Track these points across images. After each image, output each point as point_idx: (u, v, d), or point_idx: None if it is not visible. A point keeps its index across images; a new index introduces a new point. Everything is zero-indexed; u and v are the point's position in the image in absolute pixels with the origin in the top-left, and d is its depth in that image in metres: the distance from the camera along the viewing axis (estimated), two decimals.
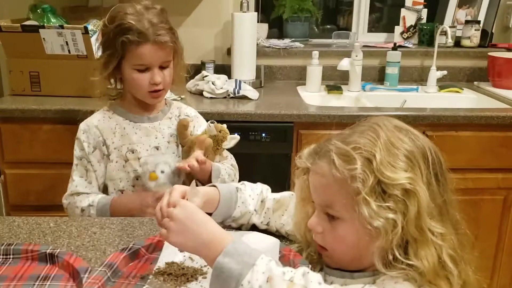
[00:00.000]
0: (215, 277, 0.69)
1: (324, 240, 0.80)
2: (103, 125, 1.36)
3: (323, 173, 0.76)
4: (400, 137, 0.75)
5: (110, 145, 1.34)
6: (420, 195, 0.71)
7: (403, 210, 0.71)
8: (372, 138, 0.74)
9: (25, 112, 1.82)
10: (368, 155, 0.72)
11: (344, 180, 0.73)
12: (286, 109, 1.88)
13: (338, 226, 0.77)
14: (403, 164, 0.72)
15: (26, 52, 1.93)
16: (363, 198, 0.71)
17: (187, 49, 1.41)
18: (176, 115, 1.45)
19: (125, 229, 1.04)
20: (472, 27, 2.39)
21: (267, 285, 0.66)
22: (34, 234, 1.02)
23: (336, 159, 0.73)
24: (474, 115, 1.86)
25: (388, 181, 0.71)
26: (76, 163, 1.35)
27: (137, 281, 0.84)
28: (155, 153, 1.37)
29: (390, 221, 0.70)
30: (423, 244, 0.72)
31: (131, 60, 1.27)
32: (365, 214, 0.71)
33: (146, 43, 1.25)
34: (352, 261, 0.79)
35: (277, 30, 2.69)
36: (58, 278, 0.86)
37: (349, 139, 0.76)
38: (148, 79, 1.29)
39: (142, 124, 1.38)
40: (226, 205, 0.97)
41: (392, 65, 2.31)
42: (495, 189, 1.91)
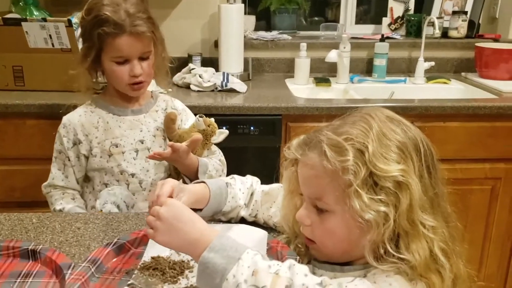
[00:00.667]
0: (200, 272, 0.68)
1: (312, 233, 0.78)
2: (85, 120, 1.34)
3: (313, 165, 0.74)
4: (392, 128, 0.74)
5: (93, 140, 1.32)
6: (412, 187, 0.70)
7: (395, 202, 0.70)
8: (364, 129, 0.73)
9: (9, 107, 1.79)
10: (360, 146, 0.71)
11: (335, 172, 0.71)
12: (274, 101, 1.86)
13: (327, 219, 0.75)
14: (395, 156, 0.71)
15: (9, 46, 1.89)
16: (354, 191, 0.69)
17: (173, 42, 1.40)
18: (162, 108, 1.43)
19: (110, 224, 1.02)
20: (459, 18, 2.39)
21: (252, 278, 0.65)
22: (16, 230, 1.00)
23: (327, 150, 0.72)
24: (462, 106, 1.86)
25: (380, 173, 0.69)
26: (55, 156, 1.35)
27: (122, 276, 0.83)
28: (140, 147, 1.35)
29: (382, 214, 0.69)
30: (415, 237, 0.70)
31: (109, 53, 1.25)
32: (356, 207, 0.69)
33: (123, 34, 1.22)
34: (341, 254, 0.78)
35: (265, 22, 2.67)
36: (41, 274, 0.84)
37: (340, 129, 0.74)
38: (128, 71, 1.27)
39: (126, 117, 1.36)
40: (216, 201, 0.96)
41: (380, 57, 2.31)
42: (482, 179, 1.92)
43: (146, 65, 1.29)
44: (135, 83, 1.30)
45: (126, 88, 1.31)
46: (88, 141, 1.33)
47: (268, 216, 1.00)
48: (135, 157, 1.35)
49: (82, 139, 1.32)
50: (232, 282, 0.65)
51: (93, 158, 1.33)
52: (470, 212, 1.93)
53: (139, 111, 1.39)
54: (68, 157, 1.32)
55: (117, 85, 1.32)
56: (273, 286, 0.64)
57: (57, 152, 1.35)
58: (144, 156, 1.35)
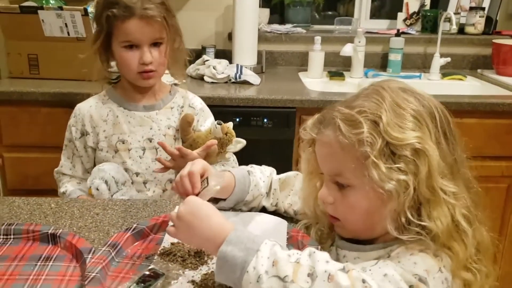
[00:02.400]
0: (219, 267, 0.67)
1: (336, 210, 0.78)
2: (95, 111, 1.30)
3: (329, 142, 0.74)
4: (405, 98, 0.74)
5: (100, 133, 1.29)
6: (430, 153, 0.69)
7: (414, 170, 0.69)
8: (377, 100, 0.73)
9: (24, 95, 1.79)
10: (374, 117, 0.71)
11: (351, 145, 0.71)
12: (288, 94, 1.85)
13: (349, 194, 0.75)
14: (410, 124, 0.71)
15: (25, 34, 1.89)
16: (372, 162, 0.69)
17: (187, 33, 1.36)
18: (179, 106, 1.36)
19: (129, 211, 1.02)
20: (476, 13, 2.36)
21: (273, 269, 0.64)
22: (35, 214, 1.00)
23: (341, 125, 0.72)
24: (479, 102, 1.84)
25: (396, 142, 0.69)
26: (66, 144, 1.34)
27: (142, 261, 0.82)
28: (147, 145, 1.30)
29: (402, 183, 0.69)
30: (436, 204, 0.70)
31: (118, 37, 1.21)
32: (376, 178, 0.69)
33: (132, 17, 1.17)
34: (365, 229, 0.78)
35: (278, 15, 2.65)
36: (61, 258, 0.84)
37: (353, 103, 0.75)
38: (137, 58, 1.21)
39: (137, 113, 1.30)
40: (240, 190, 0.95)
41: (395, 52, 2.28)
42: (499, 177, 1.90)
43: (158, 53, 1.23)
44: (145, 71, 1.23)
45: (135, 77, 1.25)
46: (95, 133, 1.29)
47: (288, 204, 1.00)
48: (141, 156, 1.30)
49: (89, 131, 1.29)
50: (253, 274, 0.64)
51: (99, 152, 1.29)
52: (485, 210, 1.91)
53: (152, 107, 1.32)
54: (76, 147, 1.31)
55: (126, 73, 1.26)
56: (295, 275, 0.63)
57: (67, 140, 1.34)
58: (151, 156, 1.30)
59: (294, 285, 0.61)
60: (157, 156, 1.27)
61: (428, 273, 0.67)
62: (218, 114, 1.82)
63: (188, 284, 0.75)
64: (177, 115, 1.34)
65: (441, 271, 0.70)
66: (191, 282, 0.76)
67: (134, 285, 0.72)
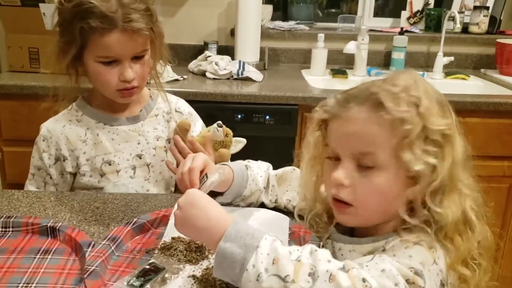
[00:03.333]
0: (218, 263, 0.65)
1: (352, 194, 0.73)
2: (70, 131, 1.11)
3: (364, 118, 0.71)
4: (429, 86, 0.74)
5: (81, 156, 1.11)
6: (457, 141, 0.71)
7: (441, 156, 0.70)
8: (413, 83, 0.72)
9: (24, 88, 1.78)
10: (415, 99, 0.70)
11: (392, 123, 0.69)
12: (291, 91, 1.84)
13: (373, 175, 0.71)
14: (439, 111, 0.71)
15: (25, 27, 1.88)
16: (410, 141, 0.68)
17: (189, 29, 1.28)
18: (164, 112, 1.20)
19: (129, 205, 1.01)
20: (480, 13, 2.35)
21: (273, 267, 0.62)
22: (34, 207, 0.98)
23: (385, 101, 0.70)
24: (482, 101, 1.83)
25: (431, 126, 0.69)
26: (33, 173, 1.14)
27: (142, 256, 0.81)
28: (138, 163, 1.14)
29: (430, 166, 0.69)
30: (450, 192, 0.71)
31: (94, 51, 1.01)
32: (407, 158, 0.68)
33: (113, 30, 0.98)
34: (379, 213, 0.75)
35: (281, 12, 2.64)
36: (60, 252, 0.83)
37: (392, 82, 0.73)
38: (117, 74, 1.03)
39: (120, 128, 1.13)
40: (239, 183, 0.94)
41: (398, 50, 2.28)
42: (500, 177, 1.89)
43: (140, 67, 1.05)
44: (126, 89, 1.06)
45: (114, 94, 1.07)
46: (74, 157, 1.11)
47: (286, 200, 0.99)
48: (132, 176, 1.14)
49: (66, 155, 1.11)
50: (253, 272, 0.62)
51: (81, 177, 1.12)
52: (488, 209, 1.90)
53: (136, 118, 1.15)
54: (50, 175, 1.12)
55: (104, 90, 1.08)
56: (296, 274, 0.61)
57: (35, 168, 1.14)
58: (143, 174, 1.15)
59: (295, 285, 0.60)
60: (166, 160, 1.16)
61: (424, 265, 0.67)
62: (220, 110, 1.83)
63: (189, 279, 0.74)
64: (164, 123, 1.20)
65: (436, 263, 0.69)
66: (192, 276, 0.75)
67: (134, 279, 0.71)
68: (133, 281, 0.71)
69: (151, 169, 1.17)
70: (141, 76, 1.07)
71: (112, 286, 0.72)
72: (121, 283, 0.71)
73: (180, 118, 1.23)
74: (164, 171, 1.19)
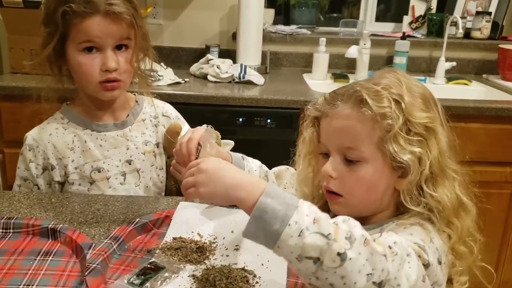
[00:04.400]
0: (256, 218, 0.64)
1: (340, 185, 0.79)
2: (57, 140, 1.09)
3: (348, 115, 0.76)
4: (414, 83, 0.79)
5: (69, 165, 1.08)
6: (439, 133, 0.75)
7: (426, 147, 0.74)
8: (396, 82, 0.77)
9: (26, 90, 1.77)
10: (396, 96, 0.75)
11: (374, 118, 0.74)
12: (292, 95, 1.84)
13: (358, 168, 0.77)
14: (422, 106, 0.76)
15: (28, 28, 1.87)
16: (393, 135, 0.73)
17: (191, 32, 1.27)
18: (151, 116, 1.19)
19: (130, 207, 1.00)
20: (482, 18, 2.35)
21: (314, 226, 0.62)
22: (35, 209, 0.98)
23: (367, 98, 0.74)
24: (484, 107, 1.83)
25: (414, 120, 0.74)
26: (19, 184, 1.12)
27: (143, 255, 0.81)
28: (127, 169, 1.13)
29: (417, 155, 0.73)
30: (443, 179, 0.75)
31: (76, 38, 1.00)
32: (393, 151, 0.73)
33: (95, 14, 0.98)
34: (369, 204, 0.80)
35: (283, 16, 2.64)
36: (60, 254, 0.82)
37: (375, 81, 0.78)
38: (99, 64, 1.01)
39: (108, 134, 1.11)
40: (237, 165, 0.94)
41: (400, 55, 2.27)
42: (502, 182, 1.88)
43: (123, 59, 1.03)
44: (108, 81, 1.03)
45: (96, 88, 1.04)
46: (62, 166, 1.09)
47: None
48: (123, 182, 1.12)
49: (54, 164, 1.08)
50: (295, 228, 0.62)
51: (70, 186, 1.09)
52: (487, 215, 1.89)
53: (123, 123, 1.13)
54: (38, 186, 1.10)
55: (86, 84, 1.05)
56: (336, 235, 0.61)
57: (21, 179, 1.11)
58: (134, 180, 1.13)
59: (337, 243, 0.60)
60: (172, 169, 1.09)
61: (424, 242, 0.71)
62: (221, 113, 1.83)
63: (189, 278, 0.74)
64: (152, 128, 1.18)
65: (432, 241, 0.72)
66: (192, 276, 0.75)
67: (134, 277, 0.72)
68: (133, 279, 0.71)
69: (141, 174, 1.15)
70: (124, 69, 1.04)
71: (112, 284, 0.72)
72: (122, 281, 0.71)
73: (168, 122, 1.22)
74: (154, 176, 1.17)
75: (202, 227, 0.89)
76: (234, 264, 0.79)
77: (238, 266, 0.78)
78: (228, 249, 0.83)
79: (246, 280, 0.74)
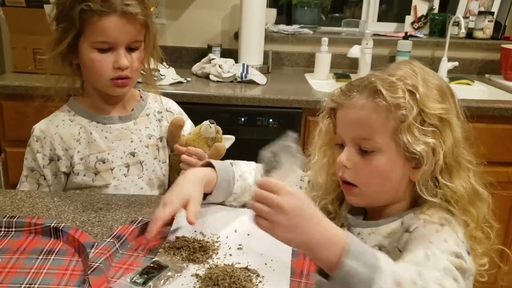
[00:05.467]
0: (341, 280, 0.61)
1: (355, 175, 0.79)
2: (64, 131, 1.11)
3: (363, 105, 0.77)
4: (430, 74, 0.80)
5: (75, 155, 1.11)
6: (454, 124, 0.76)
7: (440, 138, 0.75)
8: (411, 73, 0.78)
9: (29, 89, 1.78)
10: (411, 87, 0.75)
11: (388, 108, 0.75)
12: (295, 94, 1.83)
13: (373, 158, 0.77)
14: (437, 97, 0.76)
15: (30, 28, 1.88)
16: (407, 125, 0.73)
17: (193, 32, 1.29)
18: (155, 111, 1.22)
19: (132, 206, 1.00)
20: (485, 18, 2.35)
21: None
22: (37, 208, 0.98)
23: (382, 88, 0.75)
24: (487, 107, 1.82)
25: (428, 111, 0.74)
26: (26, 174, 1.13)
27: (146, 254, 0.81)
28: (131, 160, 1.15)
29: (431, 146, 0.74)
30: (458, 169, 0.76)
31: (91, 36, 1.03)
32: (407, 141, 0.73)
33: (112, 14, 1.01)
34: (384, 194, 0.80)
35: (285, 16, 2.64)
36: (63, 252, 0.82)
37: (390, 72, 0.79)
38: (112, 61, 1.05)
39: (113, 126, 1.14)
40: (224, 179, 0.94)
41: (402, 55, 2.27)
42: (505, 183, 1.87)
43: (135, 58, 1.08)
44: (119, 78, 1.07)
45: (107, 84, 1.08)
46: (68, 156, 1.11)
47: None
48: (126, 174, 1.14)
49: (61, 155, 1.10)
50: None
51: (75, 176, 1.11)
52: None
53: (128, 117, 1.17)
54: (44, 176, 1.12)
55: (97, 80, 1.09)
56: None
57: (28, 170, 1.13)
58: (137, 172, 1.16)
59: None
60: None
61: (458, 245, 0.71)
62: (223, 113, 1.82)
63: (192, 278, 0.74)
64: (155, 122, 1.21)
65: (458, 236, 0.73)
66: (195, 275, 0.74)
67: (137, 276, 0.72)
68: (136, 278, 0.71)
69: (144, 167, 1.17)
70: (134, 67, 1.09)
71: (115, 282, 0.72)
72: (124, 280, 0.71)
73: (172, 117, 1.25)
74: (157, 169, 1.20)
75: (205, 226, 0.89)
76: (238, 263, 0.78)
77: (241, 266, 0.77)
78: (231, 248, 0.83)
79: (250, 280, 0.74)
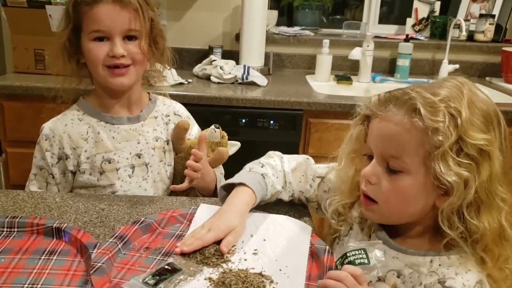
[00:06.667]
0: None
1: (377, 192, 0.76)
2: (72, 130, 1.12)
3: (398, 121, 0.72)
4: (479, 98, 0.74)
5: (82, 154, 1.12)
6: (494, 157, 0.70)
7: (475, 171, 0.70)
8: (457, 94, 0.72)
9: (29, 89, 1.78)
10: (454, 111, 0.70)
11: (424, 131, 0.70)
12: (296, 96, 1.83)
13: (400, 178, 0.73)
14: (481, 125, 0.71)
15: (31, 28, 1.88)
16: (442, 153, 0.68)
17: (195, 33, 1.28)
18: (163, 114, 1.23)
19: (135, 207, 1.00)
20: (486, 21, 2.35)
21: None
22: (39, 208, 0.98)
23: (422, 108, 0.70)
24: None
25: (468, 140, 0.69)
26: (35, 173, 1.15)
27: (148, 254, 0.81)
28: (136, 162, 1.15)
29: (464, 178, 0.69)
30: (488, 206, 0.70)
31: (87, 28, 1.05)
32: (439, 170, 0.69)
33: (104, 2, 1.03)
34: (404, 216, 0.76)
35: (287, 17, 2.65)
36: (65, 253, 0.82)
37: (434, 90, 0.73)
38: (107, 50, 1.05)
39: (121, 127, 1.14)
40: (260, 196, 0.92)
41: (403, 57, 2.27)
42: None
43: (133, 45, 1.07)
44: (115, 66, 1.06)
45: (104, 73, 1.07)
46: (76, 155, 1.12)
47: (299, 192, 0.99)
48: (131, 175, 1.14)
49: (69, 154, 1.11)
50: None
51: (81, 175, 1.12)
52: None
53: (136, 118, 1.17)
54: (52, 175, 1.13)
55: (94, 68, 1.08)
56: None
57: (37, 168, 1.14)
58: (141, 173, 1.15)
59: None
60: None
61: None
62: (224, 114, 1.82)
63: (205, 281, 0.73)
64: (163, 125, 1.21)
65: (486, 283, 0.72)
66: (208, 279, 0.74)
67: (150, 277, 0.72)
68: (148, 279, 0.71)
69: (149, 168, 1.17)
70: (133, 55, 1.07)
71: (127, 282, 0.71)
72: (137, 280, 0.71)
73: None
74: (162, 172, 1.20)
75: None
76: (252, 268, 0.77)
77: (255, 271, 0.77)
78: (246, 253, 0.82)
79: (263, 286, 0.73)
